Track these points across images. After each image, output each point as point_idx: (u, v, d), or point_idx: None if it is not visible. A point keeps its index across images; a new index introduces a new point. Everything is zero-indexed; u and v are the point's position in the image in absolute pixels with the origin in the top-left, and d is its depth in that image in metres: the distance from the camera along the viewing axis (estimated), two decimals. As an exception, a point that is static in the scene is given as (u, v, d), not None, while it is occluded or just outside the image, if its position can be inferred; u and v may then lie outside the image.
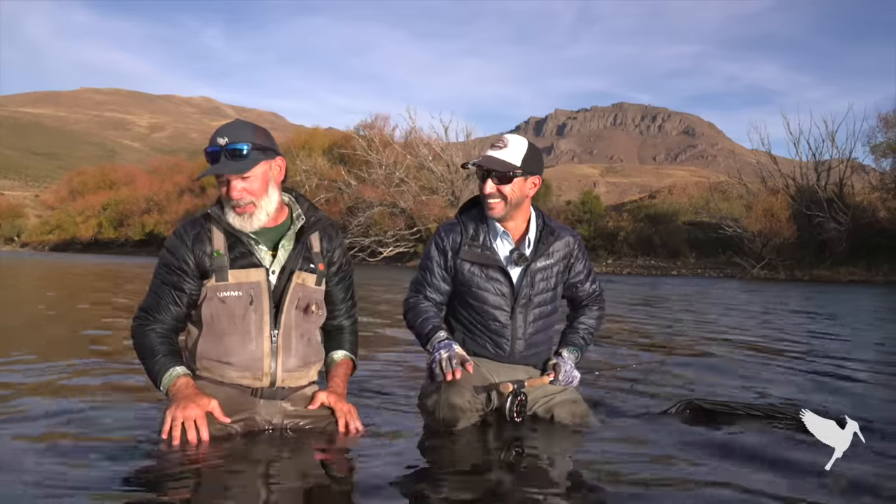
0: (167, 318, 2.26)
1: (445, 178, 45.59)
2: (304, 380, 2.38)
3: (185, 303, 2.26)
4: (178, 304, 2.26)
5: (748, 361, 4.66)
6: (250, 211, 2.20)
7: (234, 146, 2.13)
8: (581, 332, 2.82)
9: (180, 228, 2.29)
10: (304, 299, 2.32)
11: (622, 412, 2.90)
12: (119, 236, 75.23)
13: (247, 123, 2.23)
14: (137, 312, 2.31)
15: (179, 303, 2.25)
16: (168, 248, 2.27)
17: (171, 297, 2.25)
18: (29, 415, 2.57)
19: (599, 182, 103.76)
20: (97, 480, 1.85)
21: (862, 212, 35.00)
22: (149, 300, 2.29)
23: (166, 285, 2.25)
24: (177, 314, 2.27)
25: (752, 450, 2.32)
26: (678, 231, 42.65)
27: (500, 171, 2.51)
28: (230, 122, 2.23)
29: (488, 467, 2.14)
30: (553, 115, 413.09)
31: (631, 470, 2.10)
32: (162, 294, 2.26)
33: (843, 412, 2.77)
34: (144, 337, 2.25)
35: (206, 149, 2.18)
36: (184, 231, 2.27)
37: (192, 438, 2.09)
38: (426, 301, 2.71)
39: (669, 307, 10.79)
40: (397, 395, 3.14)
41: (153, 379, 2.23)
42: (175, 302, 2.25)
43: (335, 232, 2.47)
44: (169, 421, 2.10)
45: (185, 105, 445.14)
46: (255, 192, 2.18)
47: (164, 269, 2.26)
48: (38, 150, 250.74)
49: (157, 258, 2.35)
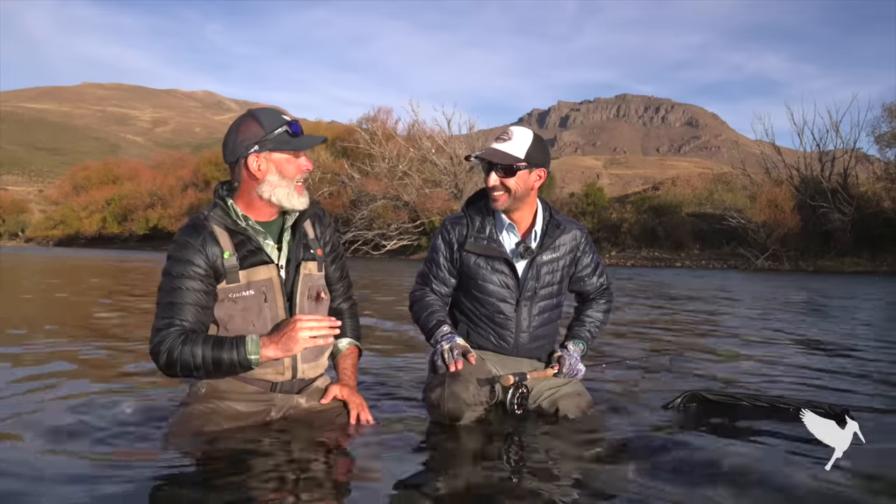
0: (190, 323, 2.09)
1: (448, 170, 45.55)
2: (321, 368, 2.40)
3: (206, 303, 2.13)
4: (200, 305, 2.11)
5: (754, 353, 4.66)
6: (304, 187, 2.27)
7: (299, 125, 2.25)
8: (588, 326, 2.81)
9: (183, 236, 2.17)
10: (313, 288, 2.33)
11: (627, 405, 2.90)
12: (123, 231, 75.48)
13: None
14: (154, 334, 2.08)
15: (201, 303, 2.11)
16: (177, 257, 2.13)
17: (191, 297, 2.10)
18: (32, 407, 2.59)
19: (603, 174, 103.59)
20: (100, 478, 1.85)
21: (866, 202, 34.91)
22: (165, 313, 2.10)
23: (182, 288, 2.10)
24: (199, 316, 2.12)
25: (754, 444, 2.31)
26: (682, 222, 42.62)
27: (503, 163, 2.51)
28: (273, 109, 2.25)
29: (492, 461, 2.14)
30: (556, 107, 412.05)
31: (635, 462, 2.10)
32: (182, 297, 2.10)
33: (848, 406, 2.78)
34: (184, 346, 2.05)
35: (291, 126, 2.18)
36: (189, 236, 2.15)
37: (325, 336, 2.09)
38: (432, 294, 2.71)
39: (674, 299, 10.78)
40: (402, 389, 3.15)
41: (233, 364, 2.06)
42: (197, 302, 2.10)
43: (323, 213, 2.48)
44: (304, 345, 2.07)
45: (188, 99, 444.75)
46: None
47: (176, 277, 2.11)
48: (41, 146, 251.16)
49: (160, 252, 2.33)
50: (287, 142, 2.17)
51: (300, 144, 2.20)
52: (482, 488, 1.89)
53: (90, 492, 1.73)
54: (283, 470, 1.94)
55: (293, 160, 2.21)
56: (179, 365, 2.05)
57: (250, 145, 2.15)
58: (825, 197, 34.86)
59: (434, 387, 2.45)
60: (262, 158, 2.16)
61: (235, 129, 2.19)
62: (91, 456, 2.02)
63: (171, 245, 2.19)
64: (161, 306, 2.12)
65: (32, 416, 2.49)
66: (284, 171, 2.19)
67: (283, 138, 2.17)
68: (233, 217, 2.21)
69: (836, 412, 2.50)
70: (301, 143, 2.20)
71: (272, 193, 2.18)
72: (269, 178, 2.17)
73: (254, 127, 2.16)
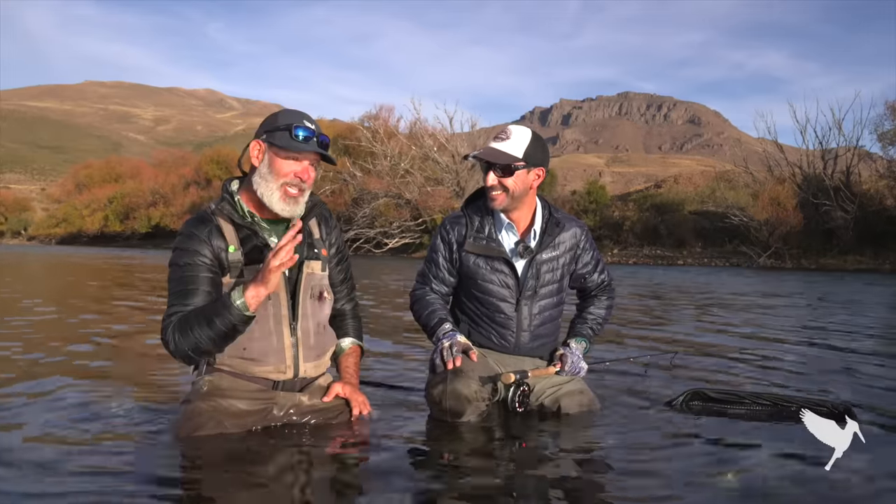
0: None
1: (450, 168, 45.54)
2: (323, 367, 2.40)
3: (213, 289, 2.15)
4: (209, 290, 2.15)
5: (757, 351, 4.65)
6: (297, 196, 2.22)
7: (325, 138, 2.22)
8: (590, 323, 2.81)
9: (189, 227, 2.20)
10: (316, 287, 2.33)
11: (630, 402, 2.89)
12: (125, 229, 75.55)
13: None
14: (165, 319, 2.13)
15: (210, 288, 2.15)
16: (184, 248, 2.16)
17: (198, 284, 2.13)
18: (33, 404, 2.58)
19: (605, 172, 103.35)
20: (101, 478, 1.85)
21: (869, 200, 34.83)
22: (175, 300, 2.14)
23: (189, 277, 2.14)
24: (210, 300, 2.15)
25: (756, 443, 2.31)
26: (684, 220, 42.55)
27: (501, 163, 2.50)
28: (301, 112, 2.24)
29: (494, 458, 2.14)
30: (558, 105, 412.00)
31: (637, 460, 2.10)
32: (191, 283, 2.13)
33: (851, 403, 2.77)
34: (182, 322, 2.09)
35: (295, 128, 2.14)
36: (195, 228, 2.19)
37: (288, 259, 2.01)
38: (432, 293, 2.71)
39: (676, 297, 10.77)
40: (403, 386, 3.14)
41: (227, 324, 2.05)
42: (205, 290, 2.14)
43: (330, 214, 2.49)
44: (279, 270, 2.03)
45: (190, 97, 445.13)
46: (312, 182, 2.26)
47: (182, 267, 2.15)
48: (43, 144, 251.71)
49: (162, 251, 2.32)
50: (286, 140, 2.17)
51: (296, 146, 2.17)
52: (484, 486, 1.88)
53: (91, 491, 1.73)
54: (284, 468, 1.95)
55: (288, 162, 2.18)
56: (189, 350, 2.09)
57: (260, 132, 2.23)
58: (828, 195, 34.78)
59: (436, 384, 2.44)
60: (262, 147, 2.21)
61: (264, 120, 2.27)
62: (91, 456, 2.02)
63: (177, 237, 2.22)
64: (172, 295, 2.16)
65: (32, 415, 2.49)
66: (277, 169, 2.18)
67: (285, 136, 2.17)
68: (239, 212, 2.23)
69: (838, 411, 2.50)
70: (298, 146, 2.17)
71: (258, 186, 2.20)
72: (261, 170, 2.21)
73: (272, 119, 2.24)
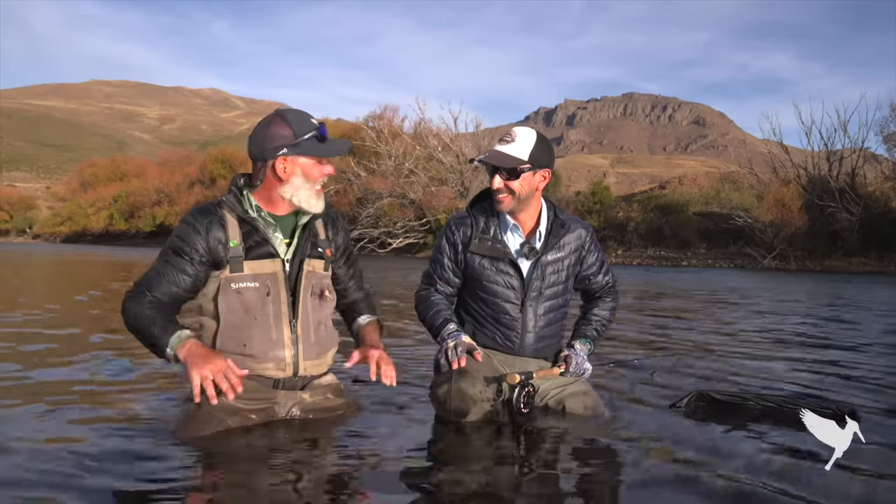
0: (162, 295, 2.16)
1: (455, 168, 45.55)
2: (324, 366, 2.41)
3: (185, 286, 2.18)
4: (178, 286, 2.17)
5: (763, 353, 4.65)
6: (321, 190, 2.30)
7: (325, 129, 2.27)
8: (594, 324, 2.81)
9: (191, 216, 2.23)
10: (317, 286, 2.34)
11: (634, 404, 2.89)
12: (130, 228, 75.71)
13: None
14: (133, 287, 2.20)
15: (180, 285, 2.17)
16: (179, 235, 2.19)
17: (172, 276, 2.17)
18: (34, 399, 2.60)
19: (609, 173, 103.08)
20: (102, 477, 1.85)
21: (874, 202, 34.74)
22: (147, 278, 2.20)
23: (170, 265, 2.18)
24: (174, 294, 2.18)
25: (760, 444, 2.31)
26: (688, 222, 42.46)
27: (507, 166, 2.50)
28: (302, 111, 2.27)
29: (498, 458, 2.15)
30: (563, 106, 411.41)
31: (641, 462, 2.10)
32: (163, 273, 2.18)
33: (854, 405, 2.77)
34: (139, 306, 2.13)
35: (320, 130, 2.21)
36: (195, 218, 2.21)
37: (227, 389, 2.02)
38: (437, 294, 2.72)
39: (680, 298, 10.75)
40: (408, 385, 3.14)
41: (156, 346, 2.11)
42: (175, 282, 2.17)
43: (338, 216, 2.51)
44: (198, 380, 2.00)
45: (195, 96, 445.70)
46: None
47: (170, 252, 2.20)
48: (48, 142, 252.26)
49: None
50: (315, 147, 2.20)
51: (328, 150, 2.23)
52: (488, 486, 1.89)
53: (92, 491, 1.73)
54: (287, 467, 1.95)
55: (318, 165, 2.24)
56: (129, 320, 2.14)
57: (279, 147, 2.18)
58: (833, 196, 34.69)
59: (441, 383, 2.45)
60: (290, 162, 2.20)
61: (265, 129, 2.21)
62: (92, 455, 2.01)
63: (178, 224, 2.24)
64: (150, 270, 2.22)
65: (32, 414, 2.49)
66: (309, 175, 2.23)
67: (312, 143, 2.20)
68: (245, 206, 2.24)
69: (843, 412, 2.50)
70: (329, 149, 2.24)
71: (294, 195, 2.23)
72: (294, 181, 2.21)
73: (284, 129, 2.19)
